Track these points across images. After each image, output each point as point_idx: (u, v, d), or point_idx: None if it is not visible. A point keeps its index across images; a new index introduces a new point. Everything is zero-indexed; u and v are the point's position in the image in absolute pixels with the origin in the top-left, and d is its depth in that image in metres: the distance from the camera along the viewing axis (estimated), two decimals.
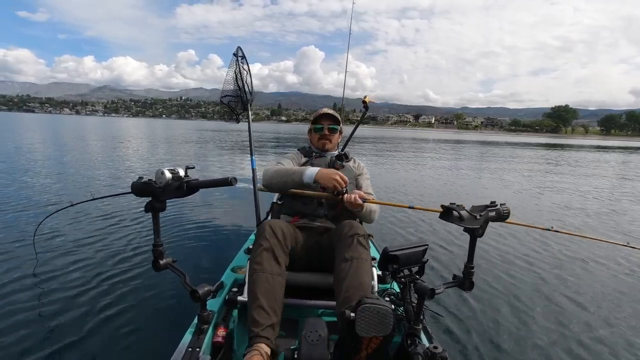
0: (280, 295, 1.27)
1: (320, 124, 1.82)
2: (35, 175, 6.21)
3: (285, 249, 1.36)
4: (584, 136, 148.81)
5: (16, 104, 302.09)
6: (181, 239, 3.26)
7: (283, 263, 1.33)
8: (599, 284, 2.76)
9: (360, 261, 1.28)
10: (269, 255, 1.30)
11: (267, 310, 1.19)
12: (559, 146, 35.17)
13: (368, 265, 1.31)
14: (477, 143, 33.88)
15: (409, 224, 4.14)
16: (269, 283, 1.25)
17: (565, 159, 17.69)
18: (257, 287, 1.24)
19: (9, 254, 2.70)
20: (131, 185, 1.15)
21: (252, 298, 1.23)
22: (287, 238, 1.38)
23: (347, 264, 1.27)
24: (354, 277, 1.24)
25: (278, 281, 1.28)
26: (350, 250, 1.30)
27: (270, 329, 1.17)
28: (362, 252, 1.31)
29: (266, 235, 1.33)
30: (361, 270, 1.27)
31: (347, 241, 1.33)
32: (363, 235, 1.36)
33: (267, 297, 1.22)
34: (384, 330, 0.96)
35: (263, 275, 1.26)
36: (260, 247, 1.32)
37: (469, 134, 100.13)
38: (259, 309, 1.19)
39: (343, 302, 1.20)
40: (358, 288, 1.21)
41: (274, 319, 1.20)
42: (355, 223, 1.41)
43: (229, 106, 2.20)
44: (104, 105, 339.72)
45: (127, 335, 1.82)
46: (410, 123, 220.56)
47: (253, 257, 1.32)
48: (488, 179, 8.88)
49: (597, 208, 5.77)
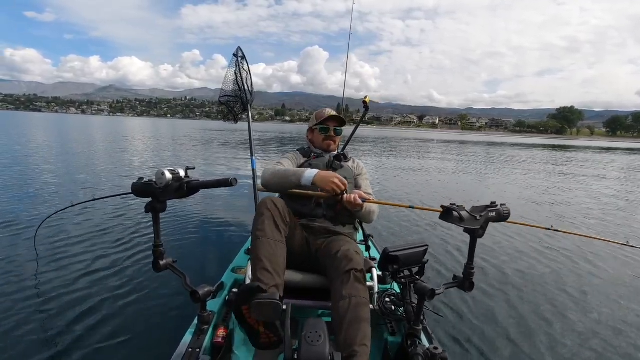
0: (283, 260, 1.31)
1: (327, 125, 1.82)
2: (38, 175, 6.21)
3: (285, 221, 1.39)
4: (589, 137, 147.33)
5: (23, 103, 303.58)
6: (181, 239, 3.26)
7: (283, 233, 1.37)
8: (600, 283, 2.76)
9: (358, 299, 1.24)
10: (270, 223, 1.34)
11: (271, 271, 1.23)
12: (562, 147, 35.10)
13: (366, 302, 1.27)
14: (481, 144, 33.86)
15: (409, 224, 4.14)
16: (272, 248, 1.29)
17: (567, 160, 17.70)
18: (260, 252, 1.27)
19: (10, 254, 2.70)
20: (132, 186, 1.15)
21: (256, 261, 1.27)
22: (286, 212, 1.41)
23: (345, 302, 1.23)
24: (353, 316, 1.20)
25: (280, 247, 1.32)
26: (347, 288, 1.26)
27: (275, 288, 1.20)
28: (359, 290, 1.27)
29: (268, 206, 1.37)
30: (359, 308, 1.23)
31: (344, 278, 1.28)
32: (361, 270, 1.31)
33: (271, 260, 1.26)
34: None
35: (266, 240, 1.30)
36: (262, 216, 1.36)
37: (473, 135, 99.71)
38: (263, 270, 1.23)
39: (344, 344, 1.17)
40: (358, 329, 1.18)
41: (278, 280, 1.23)
42: (353, 255, 1.34)
43: (227, 106, 2.20)
44: (109, 104, 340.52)
45: (127, 335, 1.81)
46: (414, 124, 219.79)
47: (255, 225, 1.36)
48: (489, 179, 8.88)
49: (599, 208, 5.77)
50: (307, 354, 1.01)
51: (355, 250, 1.38)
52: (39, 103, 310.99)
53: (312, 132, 1.89)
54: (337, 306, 1.24)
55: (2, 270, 2.43)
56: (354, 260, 1.31)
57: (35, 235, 2.72)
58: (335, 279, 1.31)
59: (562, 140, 78.21)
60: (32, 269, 2.47)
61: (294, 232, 1.50)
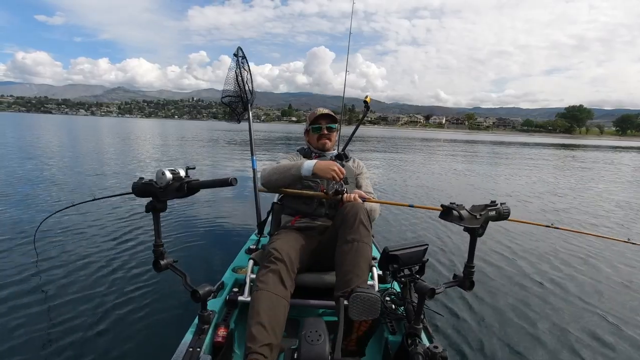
0: (282, 318, 1.20)
1: (319, 124, 1.82)
2: (42, 174, 6.23)
3: (291, 274, 1.31)
4: (598, 137, 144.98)
5: (34, 105, 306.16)
6: (182, 239, 3.26)
7: (289, 287, 1.28)
8: (601, 280, 2.76)
9: (361, 244, 1.31)
10: (275, 277, 1.26)
11: (267, 329, 1.13)
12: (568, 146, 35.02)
13: (368, 248, 1.34)
14: (487, 143, 33.88)
15: (409, 223, 4.14)
16: (272, 302, 1.20)
17: (572, 158, 17.70)
18: (259, 304, 1.18)
19: (10, 254, 2.70)
20: (132, 185, 1.16)
21: (253, 314, 1.16)
22: (294, 262, 1.34)
23: (348, 246, 1.30)
24: (354, 263, 1.28)
25: (282, 303, 1.22)
26: (352, 232, 1.33)
27: (267, 348, 1.10)
28: (363, 235, 1.34)
29: (273, 259, 1.30)
30: (361, 254, 1.30)
31: (350, 222, 1.35)
32: (366, 217, 1.39)
33: (269, 315, 1.16)
34: (373, 315, 1.12)
35: (267, 293, 1.21)
36: (267, 268, 1.28)
37: (479, 135, 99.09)
38: (258, 325, 1.13)
39: (341, 285, 1.24)
40: (356, 274, 1.26)
41: (274, 340, 1.13)
42: (358, 204, 1.43)
43: (229, 106, 2.21)
44: (118, 106, 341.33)
45: (128, 334, 1.82)
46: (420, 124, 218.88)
47: (258, 276, 1.28)
48: (492, 178, 8.88)
49: (601, 205, 5.77)
50: (306, 354, 1.01)
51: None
52: (50, 105, 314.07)
53: (308, 134, 1.90)
54: (340, 250, 1.31)
55: (2, 270, 2.43)
56: (360, 208, 1.40)
57: (35, 234, 2.72)
58: (341, 224, 1.38)
59: (570, 140, 77.64)
60: (31, 269, 2.47)
61: (295, 235, 1.50)
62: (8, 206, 4.05)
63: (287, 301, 1.25)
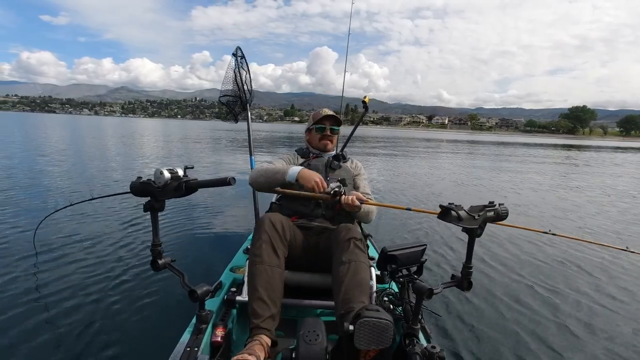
0: (279, 286, 1.30)
1: (323, 125, 1.83)
2: (42, 174, 6.24)
3: (284, 242, 1.39)
4: (602, 137, 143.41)
5: (39, 104, 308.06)
6: (180, 238, 3.26)
7: (282, 255, 1.36)
8: (597, 285, 2.75)
9: (358, 263, 1.29)
10: (268, 247, 1.33)
11: (267, 301, 1.23)
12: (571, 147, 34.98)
13: (366, 267, 1.32)
14: (489, 144, 33.86)
15: (407, 223, 4.14)
16: (268, 275, 1.28)
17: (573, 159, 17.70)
18: (256, 279, 1.27)
19: (9, 254, 2.70)
20: (130, 185, 1.15)
21: (252, 290, 1.26)
22: (286, 231, 1.41)
23: (345, 267, 1.27)
24: (353, 278, 1.25)
25: (277, 272, 1.31)
26: (347, 254, 1.31)
27: (271, 319, 1.21)
28: (359, 255, 1.32)
29: (265, 228, 1.36)
30: (359, 271, 1.27)
31: (344, 245, 1.33)
32: (360, 239, 1.36)
33: (267, 288, 1.25)
34: (383, 344, 0.96)
35: (262, 267, 1.29)
36: (260, 239, 1.34)
37: (482, 135, 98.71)
38: (258, 300, 1.23)
39: (343, 302, 1.20)
40: (357, 288, 1.22)
41: (274, 309, 1.24)
42: (352, 226, 1.43)
43: (227, 106, 2.21)
44: (121, 106, 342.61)
45: (125, 334, 1.82)
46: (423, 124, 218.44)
47: (252, 250, 1.35)
48: (492, 179, 8.88)
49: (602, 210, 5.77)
50: (305, 353, 1.01)
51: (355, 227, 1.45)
52: (54, 104, 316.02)
53: (310, 133, 1.90)
54: (337, 271, 1.29)
55: (2, 270, 2.43)
56: (353, 230, 1.39)
57: (34, 234, 2.72)
58: (335, 247, 1.37)
59: (572, 140, 77.22)
60: (31, 268, 2.47)
61: (294, 233, 1.50)
62: (9, 205, 4.05)
63: (282, 269, 1.34)
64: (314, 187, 1.49)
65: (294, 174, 1.53)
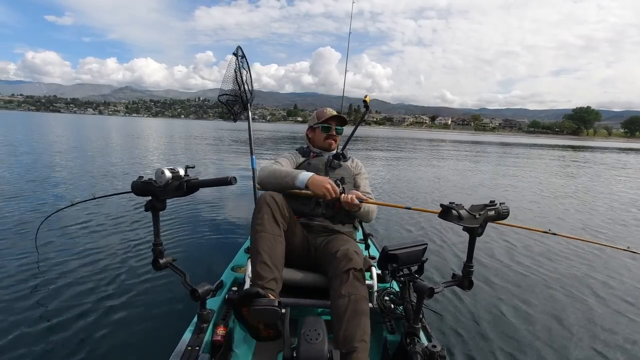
0: (281, 254, 1.33)
1: (329, 124, 1.82)
2: (44, 173, 6.26)
3: (284, 215, 1.41)
4: (606, 138, 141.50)
5: (44, 104, 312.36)
6: (181, 238, 3.26)
7: (282, 227, 1.39)
8: (598, 285, 2.73)
9: (358, 297, 1.24)
10: (269, 218, 1.36)
11: (270, 265, 1.26)
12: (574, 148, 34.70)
13: (365, 300, 1.27)
14: (492, 144, 33.71)
15: (408, 222, 4.14)
16: (271, 242, 1.32)
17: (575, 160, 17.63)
18: (259, 245, 1.30)
19: (11, 254, 2.72)
20: (131, 184, 1.16)
21: (255, 254, 1.29)
22: (285, 207, 1.43)
23: (344, 300, 1.23)
24: (353, 314, 1.20)
25: (279, 241, 1.34)
26: (346, 287, 1.26)
27: (274, 282, 1.23)
28: (359, 288, 1.27)
29: (267, 201, 1.39)
30: (359, 305, 1.23)
31: (343, 277, 1.28)
32: (360, 269, 1.31)
33: (270, 254, 1.28)
34: None
35: (265, 234, 1.33)
36: (261, 211, 1.38)
37: (485, 136, 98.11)
38: (262, 264, 1.26)
39: (343, 340, 1.16)
40: (357, 326, 1.18)
41: (277, 273, 1.26)
42: (352, 255, 1.34)
43: (226, 105, 2.21)
44: (125, 105, 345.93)
45: (126, 333, 1.82)
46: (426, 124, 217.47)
47: (255, 220, 1.38)
48: (493, 179, 8.86)
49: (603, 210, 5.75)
50: (305, 352, 1.01)
51: (355, 250, 1.37)
52: (59, 104, 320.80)
53: (313, 131, 1.88)
54: (336, 304, 1.24)
55: (4, 270, 2.44)
56: (353, 260, 1.31)
57: (37, 234, 2.73)
58: (334, 278, 1.31)
59: (576, 141, 76.35)
60: (33, 268, 2.49)
61: (294, 231, 1.50)
62: (11, 205, 4.07)
63: (283, 238, 1.38)
64: (325, 194, 1.45)
65: (304, 179, 1.50)
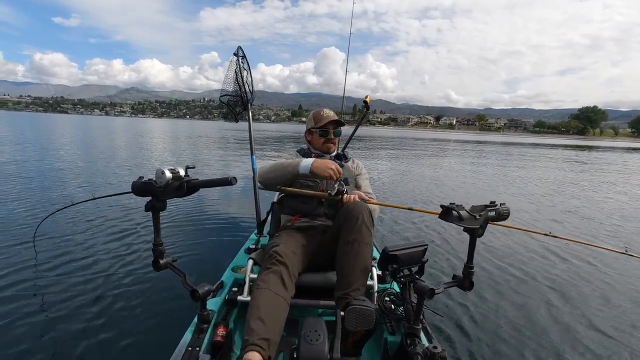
0: (282, 317, 1.18)
1: (327, 129, 1.81)
2: (45, 173, 6.30)
3: (292, 278, 1.30)
4: (613, 138, 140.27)
5: (51, 105, 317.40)
6: (181, 238, 3.27)
7: (290, 290, 1.27)
8: (598, 286, 2.71)
9: (363, 245, 1.32)
10: (276, 277, 1.25)
11: (267, 324, 1.10)
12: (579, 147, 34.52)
13: (369, 248, 1.35)
14: (496, 144, 33.61)
15: (409, 223, 4.13)
16: (273, 300, 1.18)
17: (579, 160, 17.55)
18: (259, 301, 1.16)
19: (9, 254, 2.72)
20: (131, 184, 1.16)
21: (253, 310, 1.14)
22: (295, 265, 1.35)
23: (349, 247, 1.32)
24: (355, 260, 1.29)
25: (282, 302, 1.20)
26: (353, 232, 1.34)
27: (266, 342, 1.06)
28: (365, 235, 1.35)
29: (275, 262, 1.30)
30: (362, 252, 1.32)
31: (352, 221, 1.36)
32: (369, 217, 1.39)
33: (269, 312, 1.14)
34: (368, 325, 1.14)
35: (268, 292, 1.20)
36: (268, 270, 1.28)
37: (490, 136, 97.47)
38: (258, 320, 1.10)
39: (341, 284, 1.27)
40: (357, 271, 1.29)
41: (272, 336, 1.09)
42: (361, 203, 1.43)
43: (227, 105, 2.21)
44: (131, 106, 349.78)
45: (127, 334, 1.83)
46: (430, 124, 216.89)
47: (260, 277, 1.28)
48: (493, 179, 8.84)
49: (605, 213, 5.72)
50: (306, 353, 1.01)
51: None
52: (66, 105, 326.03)
53: (311, 134, 1.87)
54: (341, 249, 1.33)
55: (2, 270, 2.45)
56: (364, 208, 1.40)
57: (35, 234, 2.73)
58: (343, 223, 1.38)
59: (582, 141, 75.70)
60: (31, 268, 2.49)
61: (291, 234, 1.50)
62: (11, 204, 4.08)
63: (287, 302, 1.23)
64: (330, 175, 1.47)
65: (307, 165, 1.50)
